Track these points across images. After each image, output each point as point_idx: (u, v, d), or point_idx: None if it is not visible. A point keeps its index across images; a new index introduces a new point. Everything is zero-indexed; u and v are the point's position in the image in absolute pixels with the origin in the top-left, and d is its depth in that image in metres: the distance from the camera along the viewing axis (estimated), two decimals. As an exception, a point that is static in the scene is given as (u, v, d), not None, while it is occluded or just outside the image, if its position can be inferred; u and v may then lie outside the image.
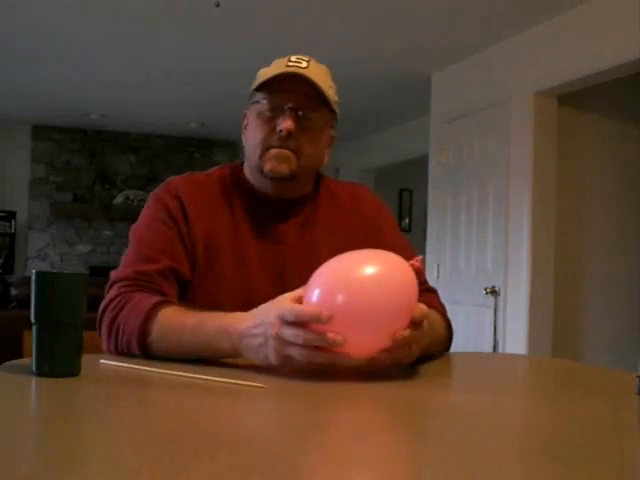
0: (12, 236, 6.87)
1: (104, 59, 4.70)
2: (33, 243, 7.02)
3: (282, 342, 0.90)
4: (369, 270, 0.93)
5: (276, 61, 1.25)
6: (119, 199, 7.24)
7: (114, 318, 1.10)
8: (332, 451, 0.62)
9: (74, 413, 0.74)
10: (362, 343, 0.93)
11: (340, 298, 0.91)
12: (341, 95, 1.31)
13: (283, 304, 0.92)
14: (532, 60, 3.87)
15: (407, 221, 7.53)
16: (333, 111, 1.27)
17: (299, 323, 0.89)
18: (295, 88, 1.20)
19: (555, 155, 3.91)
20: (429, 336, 1.02)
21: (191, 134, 7.33)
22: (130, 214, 6.50)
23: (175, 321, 1.05)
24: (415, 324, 0.94)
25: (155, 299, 1.08)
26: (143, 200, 6.55)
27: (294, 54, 1.25)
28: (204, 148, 7.59)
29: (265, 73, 1.23)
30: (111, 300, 1.12)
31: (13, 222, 6.87)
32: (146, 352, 1.05)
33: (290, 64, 1.21)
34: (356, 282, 0.92)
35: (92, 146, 7.23)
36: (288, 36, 4.08)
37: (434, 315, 1.10)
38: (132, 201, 7.21)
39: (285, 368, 0.94)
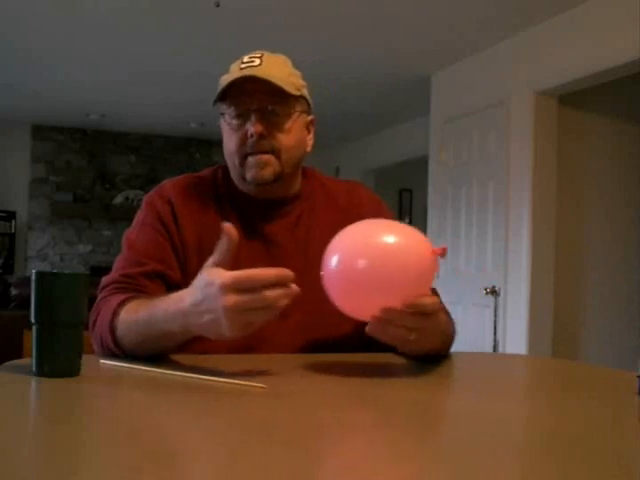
0: (12, 236, 6.87)
1: (104, 59, 4.70)
2: (33, 243, 7.01)
3: (239, 311, 0.86)
4: (389, 237, 0.95)
5: (232, 65, 1.24)
6: (119, 199, 7.24)
7: (95, 321, 1.12)
8: (332, 452, 0.62)
9: (74, 413, 0.74)
10: (370, 307, 0.93)
11: (361, 262, 0.92)
12: (341, 95, 1.32)
13: (220, 273, 0.88)
14: (532, 60, 3.87)
15: (407, 221, 7.54)
16: (300, 97, 1.25)
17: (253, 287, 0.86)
18: (254, 88, 1.18)
19: (555, 155, 3.92)
20: (440, 337, 1.06)
21: (191, 134, 7.33)
22: (130, 214, 6.43)
23: (133, 315, 1.04)
24: (416, 309, 0.93)
25: (123, 297, 1.09)
26: (142, 200, 6.56)
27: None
28: (204, 148, 7.59)
29: (223, 81, 1.22)
30: (96, 304, 1.14)
31: (13, 222, 6.87)
32: (123, 350, 1.06)
33: (243, 66, 1.20)
34: (376, 247, 0.94)
35: (92, 146, 7.23)
36: (288, 36, 4.08)
37: (443, 315, 1.10)
38: (132, 201, 7.20)
39: (286, 368, 0.94)
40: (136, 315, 1.03)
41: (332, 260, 0.96)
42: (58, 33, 4.20)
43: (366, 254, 0.93)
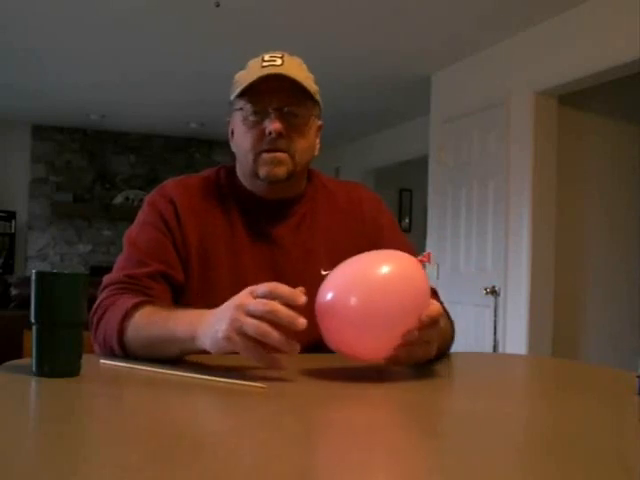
0: (12, 236, 6.87)
1: (104, 59, 4.70)
2: (33, 243, 7.01)
3: (239, 313, 0.88)
4: (381, 271, 0.94)
5: (251, 62, 1.24)
6: (119, 199, 7.25)
7: (99, 320, 1.11)
8: (332, 452, 0.62)
9: (74, 413, 0.74)
10: (374, 345, 0.93)
11: (353, 300, 0.91)
12: (341, 95, 1.31)
13: (245, 292, 0.92)
14: (532, 60, 3.87)
15: (407, 221, 7.53)
16: (316, 101, 1.26)
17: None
18: (275, 87, 1.19)
19: (555, 155, 3.91)
20: (441, 336, 1.04)
21: (191, 134, 7.33)
22: (130, 214, 6.44)
23: (147, 319, 1.04)
24: (432, 322, 0.94)
25: (136, 299, 1.09)
26: (143, 200, 6.56)
27: (277, 52, 1.24)
28: (204, 148, 7.59)
29: (242, 77, 1.22)
30: (98, 304, 1.14)
31: (13, 222, 6.87)
32: (125, 351, 1.05)
33: (265, 64, 1.20)
34: (369, 284, 0.93)
35: (92, 146, 7.23)
36: (288, 36, 4.07)
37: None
38: (132, 201, 7.20)
39: (287, 367, 0.94)
40: (149, 321, 1.04)
41: (327, 299, 0.94)
42: (58, 33, 4.20)
43: (355, 293, 0.92)
